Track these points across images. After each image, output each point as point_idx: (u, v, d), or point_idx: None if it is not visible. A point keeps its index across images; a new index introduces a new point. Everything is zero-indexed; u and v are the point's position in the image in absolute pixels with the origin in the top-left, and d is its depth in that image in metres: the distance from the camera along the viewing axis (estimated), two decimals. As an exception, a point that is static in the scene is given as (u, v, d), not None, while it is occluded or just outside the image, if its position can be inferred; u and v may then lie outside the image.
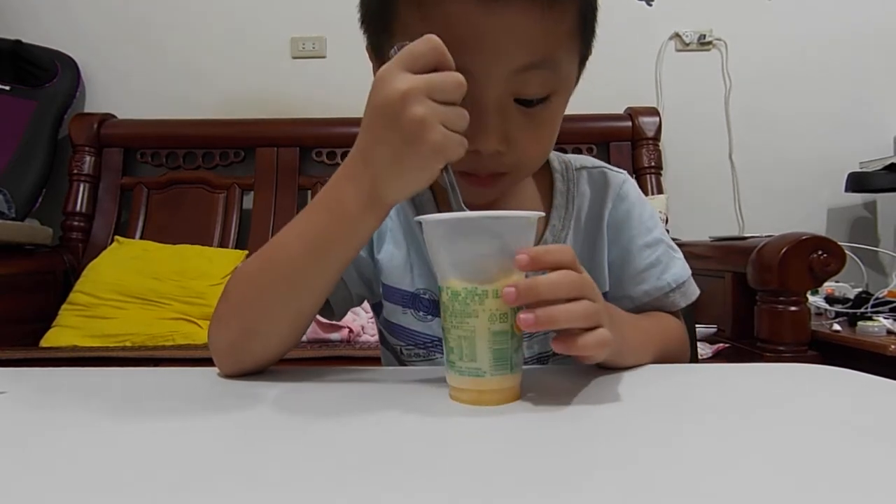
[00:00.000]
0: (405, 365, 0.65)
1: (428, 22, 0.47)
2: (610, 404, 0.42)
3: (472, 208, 0.45)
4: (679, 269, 0.65)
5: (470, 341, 0.42)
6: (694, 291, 0.66)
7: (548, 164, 0.66)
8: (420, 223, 0.45)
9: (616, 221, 0.64)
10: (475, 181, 0.54)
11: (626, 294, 0.64)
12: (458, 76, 0.42)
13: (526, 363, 0.47)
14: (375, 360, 1.39)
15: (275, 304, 0.50)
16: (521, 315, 0.40)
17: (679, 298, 0.65)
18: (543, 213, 0.45)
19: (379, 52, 0.55)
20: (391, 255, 0.63)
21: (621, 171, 0.68)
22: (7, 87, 2.05)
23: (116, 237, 1.95)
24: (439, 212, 0.51)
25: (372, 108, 0.43)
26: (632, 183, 0.67)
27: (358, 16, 0.56)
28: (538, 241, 0.62)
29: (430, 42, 0.41)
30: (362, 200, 0.45)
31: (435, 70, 0.42)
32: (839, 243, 1.26)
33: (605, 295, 0.63)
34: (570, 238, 0.64)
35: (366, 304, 0.68)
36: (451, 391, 0.45)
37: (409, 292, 0.62)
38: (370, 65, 0.56)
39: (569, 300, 0.41)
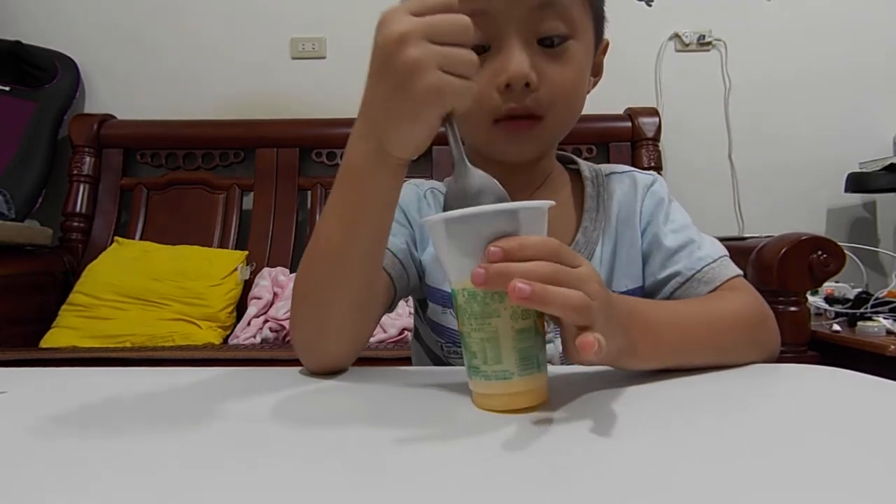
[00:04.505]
0: (444, 360, 0.66)
1: None
2: (608, 405, 0.42)
3: (508, 184, 0.42)
4: (712, 247, 0.62)
5: (494, 343, 0.39)
6: (736, 268, 0.61)
7: (579, 173, 0.69)
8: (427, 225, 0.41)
9: (648, 213, 0.65)
10: (512, 127, 0.57)
11: (663, 276, 0.62)
12: (465, 18, 0.38)
13: None
14: (374, 361, 1.40)
15: (332, 293, 0.49)
16: (516, 283, 0.34)
17: (721, 270, 0.60)
18: (554, 202, 0.41)
19: None
20: (432, 256, 0.64)
21: (652, 173, 0.70)
22: (7, 88, 2.05)
23: (116, 238, 1.95)
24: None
25: (372, 53, 0.40)
26: (661, 182, 0.69)
27: None
28: (570, 244, 0.64)
29: None
30: (371, 157, 0.43)
31: None
32: (839, 244, 1.26)
33: (640, 290, 0.64)
34: (601, 239, 0.65)
35: None
36: (475, 398, 0.42)
37: (449, 293, 0.63)
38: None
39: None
